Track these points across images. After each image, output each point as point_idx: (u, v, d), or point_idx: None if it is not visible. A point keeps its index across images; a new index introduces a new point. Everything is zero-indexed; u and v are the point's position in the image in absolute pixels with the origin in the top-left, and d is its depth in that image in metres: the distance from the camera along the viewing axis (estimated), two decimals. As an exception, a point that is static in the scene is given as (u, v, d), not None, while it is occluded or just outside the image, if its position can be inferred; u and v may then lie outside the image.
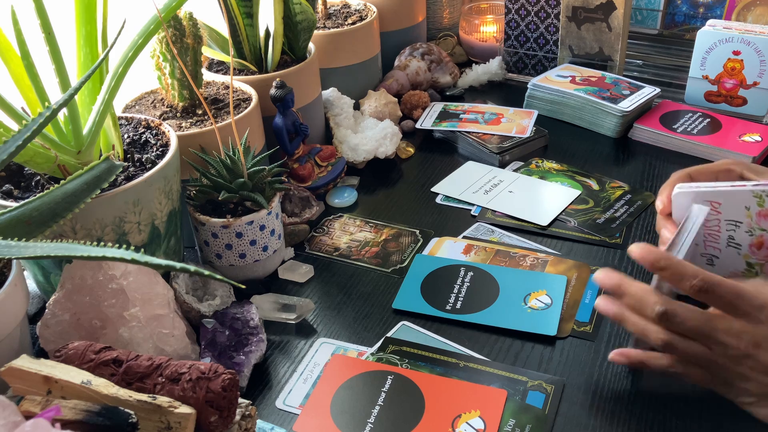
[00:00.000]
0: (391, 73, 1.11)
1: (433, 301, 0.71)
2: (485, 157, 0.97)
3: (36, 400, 0.46)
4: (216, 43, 0.92)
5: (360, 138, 0.95)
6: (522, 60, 1.19)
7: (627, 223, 0.81)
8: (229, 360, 0.63)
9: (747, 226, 0.61)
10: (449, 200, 0.89)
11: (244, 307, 0.68)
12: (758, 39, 0.97)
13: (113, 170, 0.59)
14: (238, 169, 0.71)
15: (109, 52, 0.62)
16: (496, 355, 0.65)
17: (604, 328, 0.68)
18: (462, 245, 0.79)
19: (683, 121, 0.99)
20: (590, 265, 0.75)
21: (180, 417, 0.46)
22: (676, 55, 1.17)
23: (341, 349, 0.67)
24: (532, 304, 0.70)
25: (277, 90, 0.83)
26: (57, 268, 0.66)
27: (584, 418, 0.59)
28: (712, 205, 0.62)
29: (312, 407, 0.61)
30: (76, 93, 0.57)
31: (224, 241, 0.71)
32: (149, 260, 0.43)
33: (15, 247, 0.47)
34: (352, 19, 1.05)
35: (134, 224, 0.64)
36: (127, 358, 0.50)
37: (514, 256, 0.77)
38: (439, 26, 1.30)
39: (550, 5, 1.12)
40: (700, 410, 0.59)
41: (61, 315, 0.59)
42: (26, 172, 0.67)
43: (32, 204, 0.54)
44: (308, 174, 0.89)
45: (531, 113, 1.05)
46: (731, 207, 0.61)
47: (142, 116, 0.75)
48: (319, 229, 0.84)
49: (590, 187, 0.89)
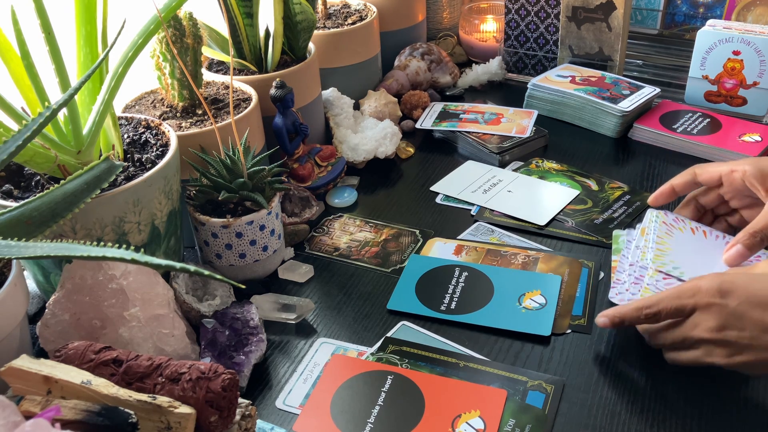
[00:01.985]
0: (391, 73, 1.11)
1: (428, 302, 0.71)
2: (485, 157, 0.97)
3: (36, 400, 0.46)
4: (216, 43, 0.92)
5: (360, 138, 0.95)
6: (522, 60, 1.19)
7: (625, 224, 0.81)
8: (229, 360, 0.63)
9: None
10: (449, 200, 0.89)
11: (244, 307, 0.68)
12: (758, 39, 0.97)
13: (113, 170, 0.59)
14: (238, 169, 0.71)
15: (109, 52, 0.62)
16: (495, 355, 0.65)
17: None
18: (453, 245, 0.80)
19: (683, 121, 0.99)
20: (582, 261, 0.75)
21: (180, 417, 0.46)
22: (676, 55, 1.17)
23: (341, 349, 0.67)
24: (527, 304, 0.70)
25: (277, 90, 0.83)
26: (57, 268, 0.66)
27: (584, 418, 0.59)
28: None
29: (312, 407, 0.61)
30: (76, 93, 0.57)
31: (224, 241, 0.71)
32: (149, 260, 0.43)
33: (15, 247, 0.47)
34: (352, 19, 1.05)
35: (134, 224, 0.64)
36: (127, 358, 0.50)
37: (505, 254, 0.77)
38: (439, 26, 1.30)
39: (550, 5, 1.12)
40: (701, 409, 0.59)
41: (61, 315, 0.59)
42: (26, 172, 0.67)
43: (32, 204, 0.54)
44: (308, 174, 0.89)
45: (531, 113, 1.05)
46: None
47: (142, 116, 0.75)
48: (319, 229, 0.84)
49: (589, 187, 0.89)
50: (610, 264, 0.75)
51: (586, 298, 0.71)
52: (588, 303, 0.70)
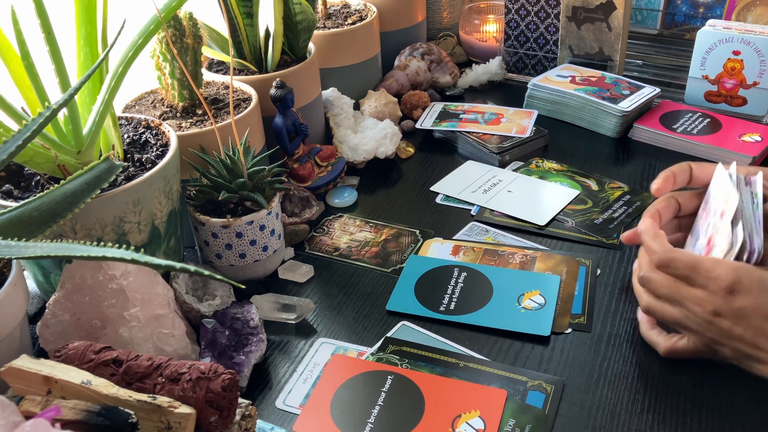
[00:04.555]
0: (391, 73, 1.11)
1: (427, 303, 0.71)
2: (485, 157, 0.97)
3: (36, 400, 0.46)
4: (216, 43, 0.92)
5: (360, 138, 0.95)
6: (522, 60, 1.19)
7: (625, 224, 0.81)
8: (229, 360, 0.63)
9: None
10: (449, 200, 0.89)
11: (244, 307, 0.68)
12: (758, 39, 0.97)
13: (113, 170, 0.59)
14: (238, 169, 0.71)
15: (109, 52, 0.62)
16: (495, 355, 0.65)
17: (597, 320, 0.68)
18: (450, 246, 0.80)
19: (683, 121, 0.99)
20: (579, 259, 0.75)
21: (180, 417, 0.46)
22: (676, 55, 1.17)
23: (341, 349, 0.67)
24: (526, 304, 0.70)
25: (277, 90, 0.83)
26: (57, 268, 0.66)
27: (584, 418, 0.59)
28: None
29: (312, 407, 0.61)
30: (76, 93, 0.57)
31: (224, 241, 0.71)
32: (149, 260, 0.43)
33: (15, 247, 0.47)
34: (352, 19, 1.05)
35: (134, 224, 0.64)
36: (127, 358, 0.50)
37: (502, 254, 0.77)
38: (439, 26, 1.30)
39: (550, 5, 1.12)
40: (701, 409, 0.59)
41: (61, 315, 0.59)
42: (26, 172, 0.67)
43: (32, 204, 0.54)
44: (308, 174, 0.89)
45: (531, 113, 1.05)
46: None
47: (142, 116, 0.75)
48: (319, 229, 0.84)
49: (589, 187, 0.89)
50: (609, 263, 0.75)
51: (585, 296, 0.71)
52: (587, 301, 0.70)
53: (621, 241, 0.73)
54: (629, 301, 0.71)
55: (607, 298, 0.71)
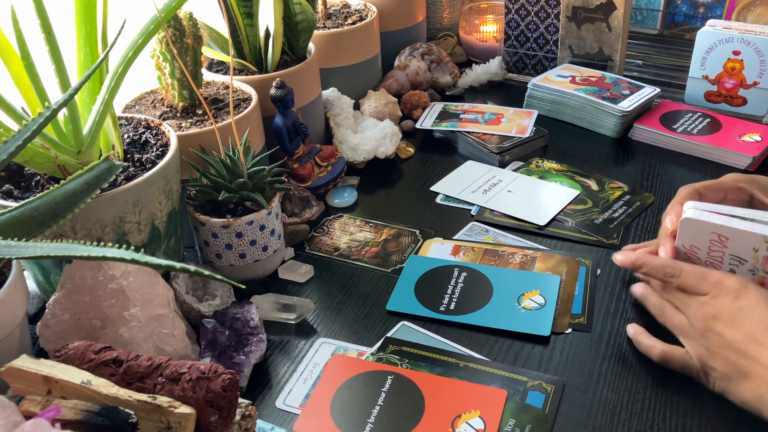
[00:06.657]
0: (391, 73, 1.11)
1: (427, 303, 0.71)
2: (485, 157, 0.97)
3: (36, 400, 0.46)
4: (216, 43, 0.92)
5: (360, 138, 0.95)
6: (522, 60, 1.19)
7: (625, 224, 0.81)
8: (229, 360, 0.63)
9: (751, 266, 0.62)
10: (449, 200, 0.89)
11: (244, 307, 0.68)
12: (758, 39, 0.97)
13: (113, 170, 0.59)
14: (238, 169, 0.71)
15: (109, 52, 0.62)
16: (495, 355, 0.65)
17: (597, 320, 0.68)
18: (450, 246, 0.80)
19: (683, 121, 0.99)
20: (579, 259, 0.75)
21: (180, 417, 0.46)
22: (676, 55, 1.17)
23: (341, 349, 0.67)
24: (526, 304, 0.70)
25: (277, 90, 0.83)
26: (57, 268, 0.66)
27: (584, 418, 0.59)
28: (719, 237, 0.62)
29: (312, 407, 0.61)
30: (76, 93, 0.57)
31: (224, 241, 0.71)
32: (149, 260, 0.43)
33: (15, 247, 0.47)
34: (352, 19, 1.05)
35: (134, 224, 0.64)
36: (127, 358, 0.50)
37: (502, 254, 0.77)
38: (439, 26, 1.30)
39: (550, 5, 1.12)
40: (700, 409, 0.59)
41: (61, 315, 0.59)
42: (26, 172, 0.67)
43: (32, 204, 0.54)
44: (308, 174, 0.89)
45: (531, 113, 1.05)
46: (739, 245, 0.62)
47: (142, 116, 0.75)
48: (319, 229, 0.84)
49: (589, 187, 0.89)
50: (609, 263, 0.75)
51: (585, 296, 0.71)
52: (587, 301, 0.70)
53: (621, 242, 0.73)
54: (629, 301, 0.71)
55: (607, 298, 0.71)
